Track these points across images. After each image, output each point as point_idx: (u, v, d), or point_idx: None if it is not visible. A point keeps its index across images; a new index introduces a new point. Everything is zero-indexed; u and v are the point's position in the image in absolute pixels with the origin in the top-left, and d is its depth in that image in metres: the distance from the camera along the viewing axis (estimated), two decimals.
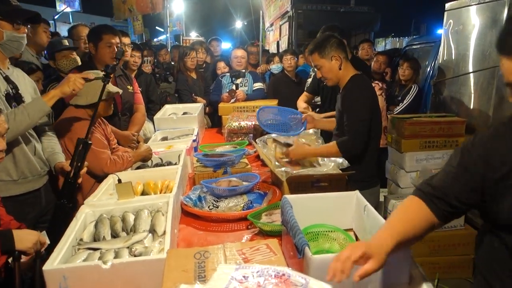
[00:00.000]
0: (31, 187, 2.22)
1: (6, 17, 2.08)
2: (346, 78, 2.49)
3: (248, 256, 1.36)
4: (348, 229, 1.69)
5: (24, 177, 2.17)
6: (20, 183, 2.16)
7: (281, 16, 8.82)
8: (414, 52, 5.68)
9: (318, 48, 2.45)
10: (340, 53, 2.44)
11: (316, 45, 2.46)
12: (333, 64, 2.44)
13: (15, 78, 2.22)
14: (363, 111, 2.39)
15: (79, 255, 1.56)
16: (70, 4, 14.97)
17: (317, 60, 2.47)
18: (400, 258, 1.23)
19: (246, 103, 4.09)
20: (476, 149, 1.24)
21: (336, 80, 2.51)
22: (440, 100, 4.17)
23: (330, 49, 2.42)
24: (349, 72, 2.50)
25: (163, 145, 3.12)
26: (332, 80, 2.51)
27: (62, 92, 2.15)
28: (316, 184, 2.10)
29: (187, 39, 11.85)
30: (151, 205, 1.92)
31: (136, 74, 4.00)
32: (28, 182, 2.20)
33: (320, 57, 2.45)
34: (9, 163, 2.10)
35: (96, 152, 2.40)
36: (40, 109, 2.09)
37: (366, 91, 2.47)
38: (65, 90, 2.15)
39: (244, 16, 21.07)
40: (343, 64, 2.46)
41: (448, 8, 4.03)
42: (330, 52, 2.42)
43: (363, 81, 2.51)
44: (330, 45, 2.42)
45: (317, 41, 2.50)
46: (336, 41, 2.45)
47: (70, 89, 2.16)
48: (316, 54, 2.45)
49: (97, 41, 2.97)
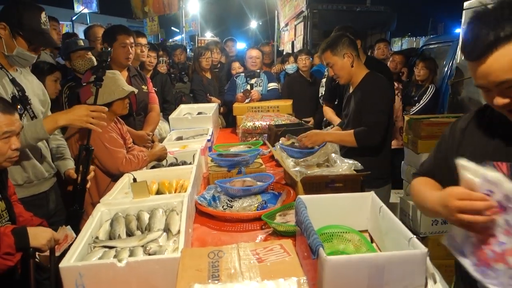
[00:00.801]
0: (36, 190, 2.24)
1: (25, 38, 2.10)
2: (359, 76, 2.53)
3: (262, 256, 1.36)
4: (363, 231, 1.67)
5: (29, 182, 2.19)
6: (25, 187, 2.17)
7: (296, 16, 8.79)
8: (431, 51, 5.60)
9: (330, 46, 2.48)
10: (352, 51, 2.47)
11: (328, 43, 2.50)
12: (345, 62, 2.48)
13: (22, 80, 2.22)
14: (382, 103, 2.43)
15: (94, 253, 1.58)
16: (88, 5, 15.20)
17: (329, 57, 2.50)
18: (416, 260, 1.21)
19: (261, 103, 4.09)
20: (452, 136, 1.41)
21: (348, 77, 2.54)
22: (458, 100, 4.10)
23: (342, 46, 2.46)
24: (361, 70, 2.53)
25: (178, 144, 3.13)
26: (344, 77, 2.54)
27: (70, 124, 2.12)
28: (330, 185, 2.09)
29: (202, 39, 11.92)
30: (165, 204, 1.93)
31: (151, 75, 4.04)
32: (33, 186, 2.22)
33: (332, 55, 2.48)
34: (14, 168, 2.09)
35: (112, 151, 2.43)
36: (36, 137, 2.03)
37: (384, 85, 2.50)
38: (72, 123, 2.10)
39: (259, 16, 21.10)
40: (355, 62, 2.49)
41: (466, 7, 3.95)
42: (342, 50, 2.46)
43: (380, 78, 2.53)
44: (342, 43, 2.46)
45: (329, 39, 2.53)
46: (348, 40, 2.49)
47: (80, 125, 2.11)
48: (329, 52, 2.49)
49: (112, 42, 3.00)
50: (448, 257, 3.36)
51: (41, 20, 2.13)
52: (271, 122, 3.42)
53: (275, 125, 3.30)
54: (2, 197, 1.74)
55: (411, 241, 1.27)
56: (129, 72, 3.17)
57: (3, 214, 1.73)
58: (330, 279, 1.16)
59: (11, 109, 1.68)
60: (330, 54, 2.49)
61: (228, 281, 1.22)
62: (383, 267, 1.17)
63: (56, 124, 2.06)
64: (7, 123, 1.64)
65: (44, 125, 2.01)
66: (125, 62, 3.07)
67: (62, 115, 2.08)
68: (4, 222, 1.72)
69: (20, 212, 1.87)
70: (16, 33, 2.08)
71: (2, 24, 2.07)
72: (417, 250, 1.22)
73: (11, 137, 1.67)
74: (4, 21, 2.07)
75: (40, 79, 2.51)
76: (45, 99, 2.38)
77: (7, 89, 2.10)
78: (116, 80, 2.55)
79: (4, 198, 1.75)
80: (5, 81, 2.10)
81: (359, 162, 2.24)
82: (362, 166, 2.22)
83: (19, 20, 2.07)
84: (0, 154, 1.65)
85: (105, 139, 2.44)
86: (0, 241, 1.47)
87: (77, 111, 2.07)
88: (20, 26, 2.07)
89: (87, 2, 15.16)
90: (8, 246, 1.47)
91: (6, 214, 1.75)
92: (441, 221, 3.10)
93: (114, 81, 2.53)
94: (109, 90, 2.49)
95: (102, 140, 2.43)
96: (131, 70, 3.20)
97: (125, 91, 2.54)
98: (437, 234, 3.11)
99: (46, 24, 2.17)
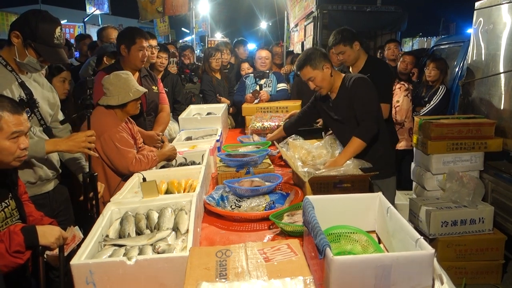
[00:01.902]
0: (37, 191, 2.28)
1: (36, 50, 2.12)
2: (338, 82, 2.67)
3: (269, 255, 1.37)
4: (370, 231, 1.67)
5: (30, 183, 2.21)
6: (28, 187, 2.18)
7: (306, 17, 8.76)
8: (442, 52, 5.55)
9: (308, 61, 2.59)
10: (328, 62, 2.61)
11: (305, 60, 2.61)
12: (325, 73, 2.61)
13: (31, 84, 2.25)
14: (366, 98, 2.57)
15: (105, 251, 1.60)
16: (100, 7, 15.30)
17: (310, 72, 2.61)
18: (423, 261, 1.21)
19: (270, 104, 4.10)
20: None
21: (329, 87, 2.67)
22: (469, 101, 4.06)
23: (319, 59, 2.58)
24: (339, 76, 2.69)
25: (187, 145, 3.16)
26: (326, 88, 2.67)
27: (69, 150, 2.19)
28: (338, 185, 2.09)
29: (212, 40, 11.95)
30: (174, 203, 1.95)
31: (162, 75, 4.07)
32: (34, 187, 2.25)
33: (312, 69, 2.59)
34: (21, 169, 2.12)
35: (122, 151, 2.46)
36: (34, 155, 2.08)
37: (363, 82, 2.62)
38: (71, 150, 2.18)
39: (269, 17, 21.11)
40: (332, 71, 2.63)
41: (478, 7, 3.92)
42: (320, 62, 2.58)
43: (357, 77, 2.65)
44: (318, 56, 2.58)
45: (303, 57, 2.65)
46: (320, 52, 2.63)
47: (77, 151, 2.19)
48: (308, 67, 2.60)
49: (131, 44, 2.99)
50: (457, 259, 3.35)
51: (55, 34, 2.14)
52: (280, 123, 3.43)
53: None
54: (12, 196, 1.78)
55: (418, 242, 1.27)
56: (140, 73, 3.20)
57: (13, 212, 1.76)
58: (336, 279, 1.17)
59: (19, 109, 1.72)
60: (310, 69, 2.59)
61: (235, 279, 1.23)
62: (390, 267, 1.18)
63: (56, 148, 2.16)
64: (16, 123, 1.67)
65: (45, 146, 2.11)
66: (140, 65, 3.10)
67: (63, 141, 2.17)
68: (14, 221, 1.76)
69: (31, 212, 1.90)
70: (28, 44, 2.10)
71: (15, 32, 2.10)
72: (424, 251, 1.22)
73: (19, 137, 1.71)
74: (19, 30, 2.10)
75: (48, 80, 2.54)
76: (54, 102, 2.41)
77: (15, 92, 2.13)
78: (130, 81, 2.59)
79: (14, 197, 1.78)
80: (13, 85, 2.14)
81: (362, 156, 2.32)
82: (370, 165, 2.23)
83: (33, 32, 2.09)
84: (9, 154, 1.68)
85: (116, 139, 2.47)
86: (10, 239, 1.50)
87: (76, 138, 2.16)
88: (33, 37, 2.09)
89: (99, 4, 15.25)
90: (18, 245, 1.50)
91: (17, 213, 1.78)
92: (450, 222, 3.08)
93: (128, 82, 2.57)
94: (124, 91, 2.53)
95: (113, 140, 2.47)
96: (142, 71, 3.23)
97: (139, 91, 2.58)
98: (446, 235, 3.09)
99: (60, 38, 2.18)
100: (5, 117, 1.64)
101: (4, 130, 1.64)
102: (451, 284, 1.28)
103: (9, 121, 1.65)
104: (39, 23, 2.09)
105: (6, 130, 1.65)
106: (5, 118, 1.64)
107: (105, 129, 2.47)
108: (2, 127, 1.64)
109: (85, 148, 2.16)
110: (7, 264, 1.49)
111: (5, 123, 1.64)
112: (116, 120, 2.58)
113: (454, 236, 3.10)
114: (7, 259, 1.48)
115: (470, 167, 3.52)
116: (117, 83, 2.55)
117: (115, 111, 2.58)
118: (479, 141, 3.45)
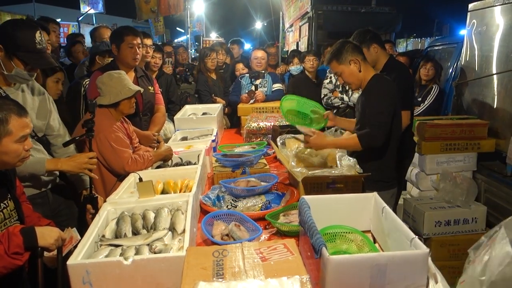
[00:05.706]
0: (35, 190, 2.26)
1: (21, 59, 2.09)
2: (368, 79, 2.51)
3: (266, 255, 1.38)
4: (366, 231, 1.69)
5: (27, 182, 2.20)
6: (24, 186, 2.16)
7: (301, 17, 8.79)
8: (435, 53, 5.60)
9: (334, 56, 2.49)
10: (357, 56, 2.47)
11: (332, 54, 2.51)
12: (352, 68, 2.47)
13: (18, 96, 2.20)
14: (384, 104, 2.41)
15: (101, 251, 1.60)
16: (94, 6, 15.24)
17: (336, 67, 2.51)
18: (418, 260, 1.22)
19: (265, 104, 4.12)
20: None
21: (359, 82, 2.53)
22: (462, 102, 4.11)
23: (347, 54, 2.46)
24: (370, 73, 2.52)
25: (183, 145, 3.16)
26: (355, 83, 2.54)
27: (70, 171, 2.21)
28: (331, 186, 2.10)
29: (207, 40, 11.95)
30: (171, 203, 1.96)
31: (157, 75, 4.06)
32: (31, 186, 2.23)
33: (338, 64, 2.49)
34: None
35: (118, 151, 2.46)
36: (33, 172, 2.12)
37: (387, 87, 2.48)
38: (72, 171, 2.20)
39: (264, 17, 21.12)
40: (362, 66, 2.48)
41: (471, 9, 3.96)
42: (347, 57, 2.46)
43: (384, 79, 2.53)
44: (345, 50, 2.46)
45: (333, 49, 2.54)
46: (351, 45, 2.49)
47: (78, 172, 2.21)
48: (334, 62, 2.50)
49: (119, 42, 3.02)
50: (451, 258, 3.37)
51: (36, 39, 2.11)
52: (276, 123, 3.44)
53: (279, 126, 3.31)
54: (11, 196, 1.77)
55: (413, 241, 1.29)
56: (136, 73, 3.20)
57: (12, 213, 1.76)
58: (332, 278, 1.18)
59: (24, 112, 1.72)
60: (336, 63, 2.50)
61: (232, 279, 1.24)
62: (385, 266, 1.19)
63: (56, 167, 2.18)
64: (23, 126, 1.68)
65: (45, 165, 2.13)
66: (133, 63, 3.10)
67: (64, 161, 2.19)
68: (13, 222, 1.75)
69: (28, 213, 1.89)
70: (12, 54, 2.08)
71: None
72: (419, 250, 1.23)
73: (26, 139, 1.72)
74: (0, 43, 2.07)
75: (42, 80, 2.51)
76: (45, 111, 2.37)
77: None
78: (122, 80, 2.58)
79: (12, 197, 1.78)
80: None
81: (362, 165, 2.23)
82: (361, 170, 2.21)
83: (14, 41, 2.06)
84: (16, 156, 1.69)
85: (112, 139, 2.47)
86: (9, 240, 1.50)
87: (77, 159, 2.18)
88: (16, 47, 2.06)
89: (93, 3, 15.20)
90: (16, 246, 1.50)
91: (15, 214, 1.77)
92: (444, 222, 3.11)
93: (120, 81, 2.56)
94: (115, 90, 2.52)
95: (109, 140, 2.46)
96: (138, 71, 3.23)
97: (132, 90, 2.57)
98: (440, 235, 3.12)
99: (42, 43, 2.15)
100: (13, 121, 1.65)
101: (13, 133, 1.65)
102: (445, 283, 1.30)
103: (17, 125, 1.66)
104: (18, 32, 2.07)
105: (15, 133, 1.65)
106: (13, 122, 1.65)
107: (101, 129, 2.46)
108: (11, 130, 1.64)
109: (86, 170, 2.18)
110: (5, 266, 1.48)
111: (13, 127, 1.65)
112: (111, 119, 2.57)
113: (448, 236, 3.13)
114: (6, 260, 1.47)
115: (464, 168, 3.56)
116: (108, 83, 2.55)
117: (110, 110, 2.57)
118: (472, 141, 3.49)
